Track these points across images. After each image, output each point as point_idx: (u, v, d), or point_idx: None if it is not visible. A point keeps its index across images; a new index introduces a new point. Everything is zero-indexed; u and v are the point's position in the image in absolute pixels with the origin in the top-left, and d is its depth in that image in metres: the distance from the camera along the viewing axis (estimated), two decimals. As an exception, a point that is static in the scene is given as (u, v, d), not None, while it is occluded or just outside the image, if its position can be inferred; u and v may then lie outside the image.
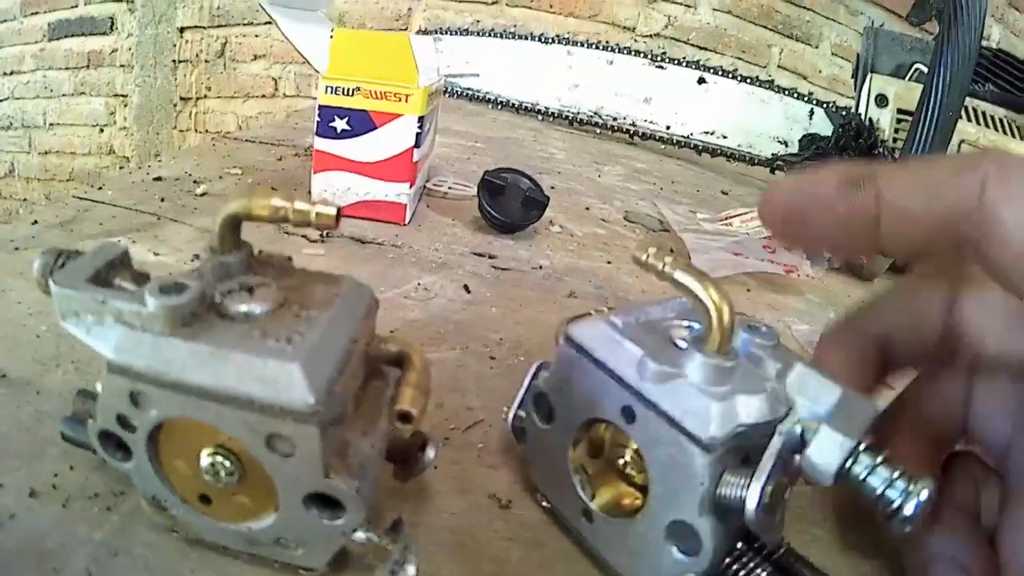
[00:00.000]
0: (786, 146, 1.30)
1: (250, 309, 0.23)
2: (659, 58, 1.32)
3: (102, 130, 2.53)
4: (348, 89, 0.60)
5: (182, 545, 0.28)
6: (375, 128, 0.61)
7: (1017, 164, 0.25)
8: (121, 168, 2.52)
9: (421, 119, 0.61)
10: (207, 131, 2.34)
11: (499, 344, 0.46)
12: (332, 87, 0.60)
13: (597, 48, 1.35)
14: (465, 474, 0.34)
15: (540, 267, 0.61)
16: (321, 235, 0.59)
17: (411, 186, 0.63)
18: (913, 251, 0.28)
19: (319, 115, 0.61)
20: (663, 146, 1.31)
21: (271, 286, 0.24)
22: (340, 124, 0.61)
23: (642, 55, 1.34)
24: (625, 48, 1.35)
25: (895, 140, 1.21)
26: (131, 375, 0.22)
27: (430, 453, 0.28)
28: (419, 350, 0.27)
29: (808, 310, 0.64)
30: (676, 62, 1.32)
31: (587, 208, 0.82)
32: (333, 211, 0.24)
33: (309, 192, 0.64)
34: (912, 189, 0.26)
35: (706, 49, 2.02)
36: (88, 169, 2.59)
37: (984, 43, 1.12)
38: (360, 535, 0.24)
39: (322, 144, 0.62)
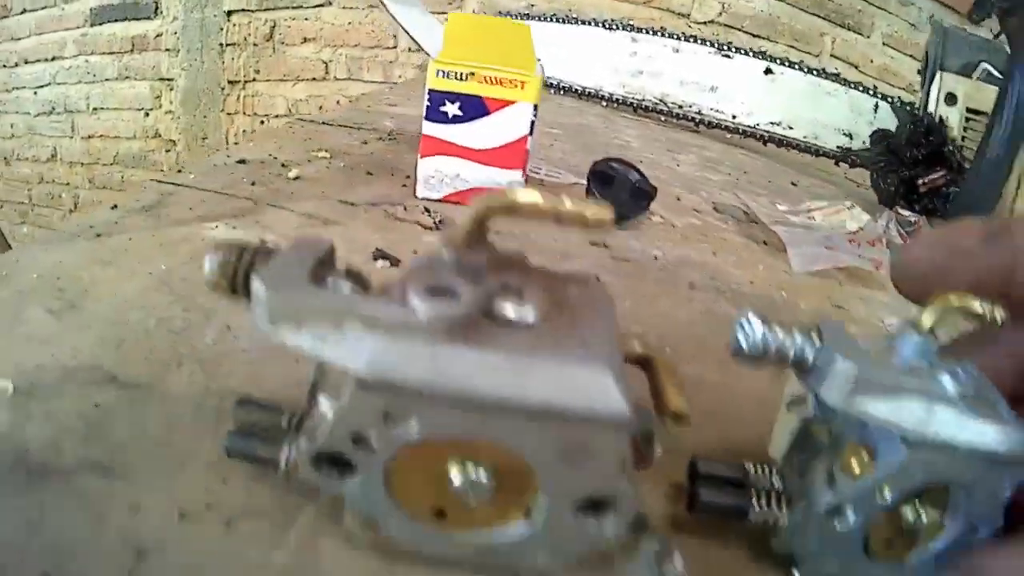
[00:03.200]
0: (851, 139, 1.28)
1: (522, 314, 0.22)
2: (725, 47, 1.31)
3: (147, 114, 2.54)
4: (461, 74, 0.59)
5: (380, 563, 0.26)
6: (488, 114, 0.60)
7: None
8: (167, 151, 2.53)
9: (535, 107, 0.60)
10: (255, 114, 2.34)
11: (641, 338, 0.45)
12: (444, 71, 0.60)
13: (662, 35, 1.33)
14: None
15: (655, 258, 0.60)
16: (435, 223, 0.59)
17: (523, 174, 0.62)
18: None
19: (429, 99, 0.60)
20: (729, 135, 1.29)
21: (536, 281, 0.23)
22: (451, 109, 0.60)
23: (707, 43, 1.32)
24: (691, 37, 1.33)
25: (963, 139, 1.19)
26: (393, 390, 0.20)
27: (658, 450, 0.27)
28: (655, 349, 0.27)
29: (895, 304, 0.63)
30: (742, 52, 1.31)
31: (678, 199, 0.81)
32: (608, 213, 0.22)
33: (408, 177, 0.63)
34: None
35: (760, 37, 2.00)
36: (133, 153, 2.61)
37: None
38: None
39: (431, 129, 0.61)
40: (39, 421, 0.30)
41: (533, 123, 0.60)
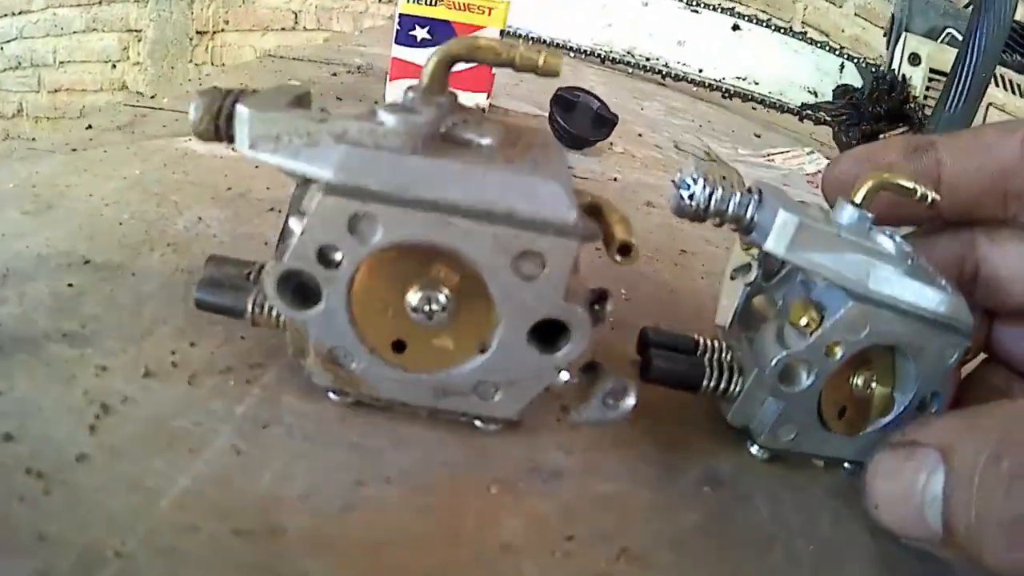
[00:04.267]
0: (816, 96, 1.31)
1: (481, 139, 0.23)
2: (694, 2, 1.33)
3: (114, 66, 2.50)
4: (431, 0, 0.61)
5: (342, 410, 0.26)
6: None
7: None
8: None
9: (502, 32, 0.62)
10: (223, 64, 2.32)
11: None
12: (414, -4, 0.61)
13: (631, -11, 1.35)
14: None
15: (615, 179, 0.62)
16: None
17: (488, 97, 0.64)
18: (968, 208, 0.31)
19: (399, 23, 0.62)
20: (695, 88, 1.31)
21: (493, 122, 0.25)
22: (420, 33, 0.62)
23: (676, -2, 1.34)
24: (660, -9, 1.34)
25: (926, 97, 1.23)
26: (360, 195, 0.21)
27: (609, 307, 0.27)
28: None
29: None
30: (710, 7, 1.33)
31: (640, 135, 0.84)
32: (559, 59, 0.24)
33: (376, 102, 0.65)
34: (966, 152, 0.31)
35: (731, 1, 2.01)
36: (99, 106, 2.57)
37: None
38: (564, 375, 0.25)
39: (400, 52, 0.63)
40: (12, 303, 0.30)
41: (499, 47, 0.62)
